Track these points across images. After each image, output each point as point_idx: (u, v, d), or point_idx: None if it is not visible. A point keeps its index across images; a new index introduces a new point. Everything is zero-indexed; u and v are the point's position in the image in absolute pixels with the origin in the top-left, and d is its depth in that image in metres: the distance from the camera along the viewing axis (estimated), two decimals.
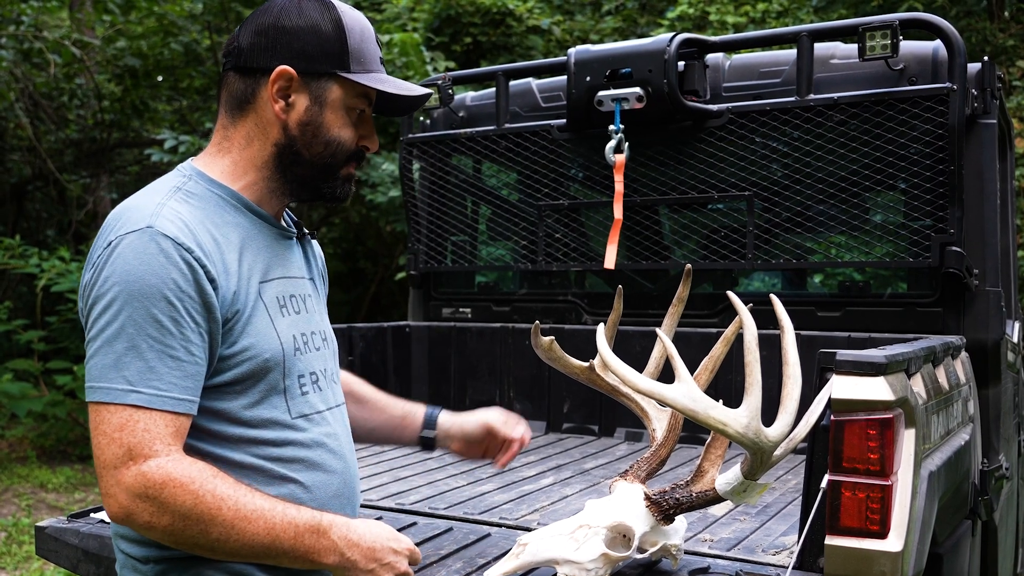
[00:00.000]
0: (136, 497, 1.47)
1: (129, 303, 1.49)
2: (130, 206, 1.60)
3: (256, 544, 1.52)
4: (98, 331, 1.51)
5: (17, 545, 6.07)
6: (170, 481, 1.47)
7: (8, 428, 9.19)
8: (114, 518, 1.51)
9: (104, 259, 1.53)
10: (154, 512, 1.47)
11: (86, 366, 1.53)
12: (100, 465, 1.50)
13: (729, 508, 2.80)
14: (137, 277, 1.50)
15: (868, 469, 1.98)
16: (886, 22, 3.26)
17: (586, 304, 4.04)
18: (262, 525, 1.52)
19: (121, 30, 10.10)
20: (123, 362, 1.49)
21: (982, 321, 3.34)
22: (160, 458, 1.48)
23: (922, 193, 3.34)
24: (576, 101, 3.76)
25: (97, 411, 1.50)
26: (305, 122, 1.67)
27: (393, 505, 2.81)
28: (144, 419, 1.48)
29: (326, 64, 1.66)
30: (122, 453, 1.47)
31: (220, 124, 1.73)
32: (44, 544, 2.56)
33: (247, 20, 1.71)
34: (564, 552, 1.95)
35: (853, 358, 2.02)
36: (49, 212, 12.47)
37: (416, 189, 4.33)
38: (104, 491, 1.50)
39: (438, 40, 10.05)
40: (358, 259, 12.06)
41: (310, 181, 1.73)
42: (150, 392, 1.49)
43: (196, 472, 1.49)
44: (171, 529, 1.49)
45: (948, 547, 2.66)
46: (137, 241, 1.51)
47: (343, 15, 1.69)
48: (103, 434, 1.49)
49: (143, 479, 1.46)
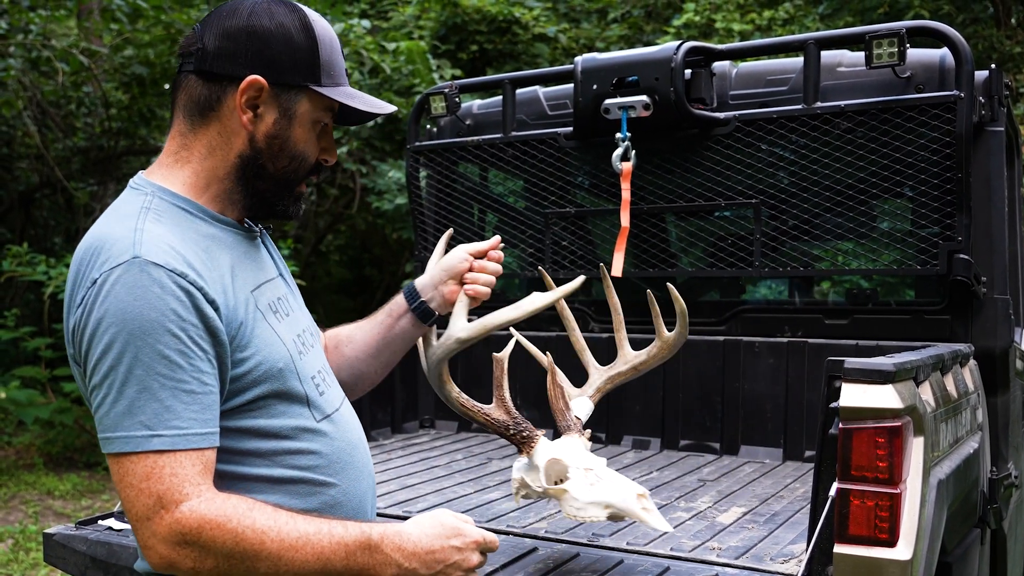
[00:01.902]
0: (175, 545, 1.42)
1: (131, 343, 1.41)
2: (103, 237, 1.49)
3: (307, 572, 1.46)
4: (102, 377, 1.43)
5: (24, 552, 6.07)
6: (206, 523, 1.41)
7: (15, 435, 9.20)
8: (157, 568, 1.46)
9: (92, 299, 1.44)
10: (197, 557, 1.42)
11: (96, 415, 1.46)
12: (133, 518, 1.44)
13: (737, 516, 2.80)
14: (135, 314, 1.41)
15: (877, 477, 1.98)
16: (893, 30, 3.26)
17: (593, 312, 4.04)
18: (310, 552, 1.46)
19: (128, 39, 10.12)
20: (137, 407, 1.42)
21: (990, 329, 3.33)
22: (192, 501, 1.42)
23: (930, 201, 3.34)
24: (583, 109, 3.76)
25: (119, 463, 1.43)
26: (273, 135, 1.60)
27: (400, 513, 2.81)
28: (169, 463, 1.42)
29: (298, 76, 1.59)
30: (152, 503, 1.41)
31: (177, 131, 1.63)
32: (52, 551, 2.56)
33: (210, 20, 1.60)
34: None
35: (862, 366, 2.02)
36: (56, 220, 12.50)
37: (423, 197, 4.34)
38: (141, 543, 1.45)
39: (444, 48, 10.07)
40: (364, 266, 12.08)
41: (268, 196, 1.65)
42: (171, 434, 1.42)
43: (231, 509, 1.44)
44: (217, 571, 1.44)
45: (957, 556, 2.65)
46: (126, 275, 1.43)
47: (314, 24, 1.61)
48: (129, 486, 1.42)
49: (178, 526, 1.41)
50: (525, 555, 2.40)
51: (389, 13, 10.85)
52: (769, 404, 3.68)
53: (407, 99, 8.64)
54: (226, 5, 1.62)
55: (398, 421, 4.05)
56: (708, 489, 3.16)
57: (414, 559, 1.51)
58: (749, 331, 3.77)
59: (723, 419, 3.75)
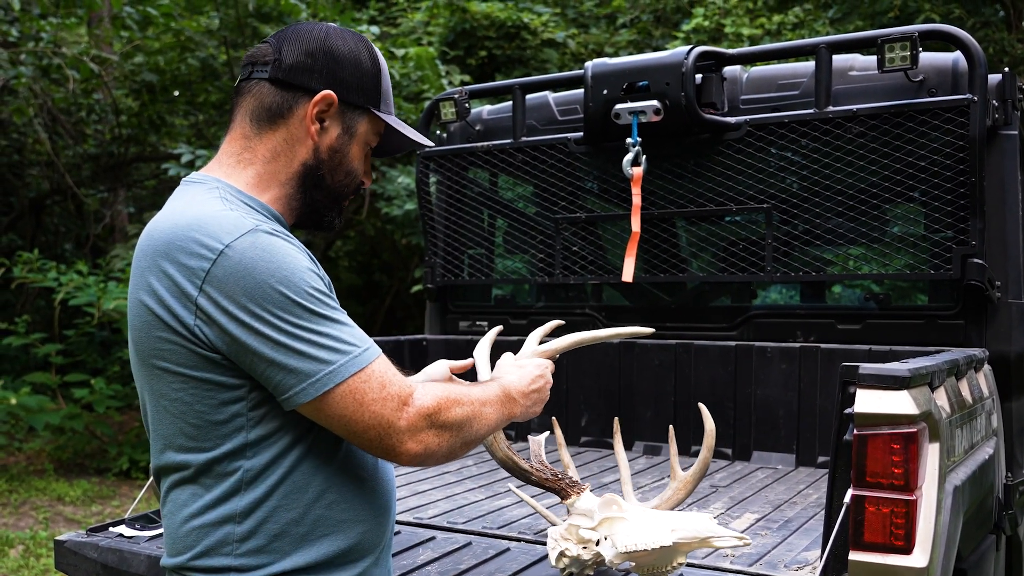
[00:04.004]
0: (426, 431, 1.55)
1: (298, 292, 1.49)
2: (197, 217, 1.52)
3: (492, 423, 1.69)
4: (292, 328, 1.48)
5: (35, 558, 6.08)
6: (439, 402, 1.57)
7: (26, 441, 9.23)
8: (414, 462, 1.56)
9: (228, 269, 1.47)
10: (442, 434, 1.57)
11: (295, 368, 1.47)
12: (382, 429, 1.52)
13: (750, 523, 2.78)
14: (288, 268, 1.49)
15: (892, 484, 1.96)
16: (905, 34, 3.25)
17: (604, 317, 4.03)
18: (491, 405, 1.69)
19: (139, 46, 10.17)
20: (340, 335, 1.51)
21: (1004, 333, 3.31)
22: (417, 390, 1.57)
23: (943, 205, 3.32)
24: (593, 114, 3.75)
25: (351, 388, 1.50)
26: (335, 148, 1.69)
27: (411, 519, 2.80)
28: (386, 368, 1.55)
29: (363, 98, 1.69)
30: (396, 404, 1.53)
31: (240, 133, 1.68)
32: (63, 558, 2.56)
33: (287, 35, 1.69)
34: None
35: (876, 372, 2.00)
36: (67, 226, 12.55)
37: (433, 202, 4.34)
38: (396, 449, 1.54)
39: (453, 54, 10.08)
40: (373, 272, 12.08)
41: (320, 207, 1.73)
42: (372, 345, 1.55)
43: (437, 388, 1.61)
44: (453, 442, 1.60)
45: (972, 562, 2.63)
46: (257, 240, 1.49)
47: (378, 54, 1.74)
48: (372, 401, 1.51)
49: (424, 412, 1.55)
50: (539, 561, 2.39)
51: (398, 19, 10.87)
52: (782, 409, 3.66)
53: (416, 105, 8.65)
54: (302, 25, 1.72)
55: None
56: (721, 495, 3.15)
57: (525, 398, 1.80)
58: (761, 336, 3.75)
59: (735, 425, 3.74)
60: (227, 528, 1.56)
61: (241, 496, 1.55)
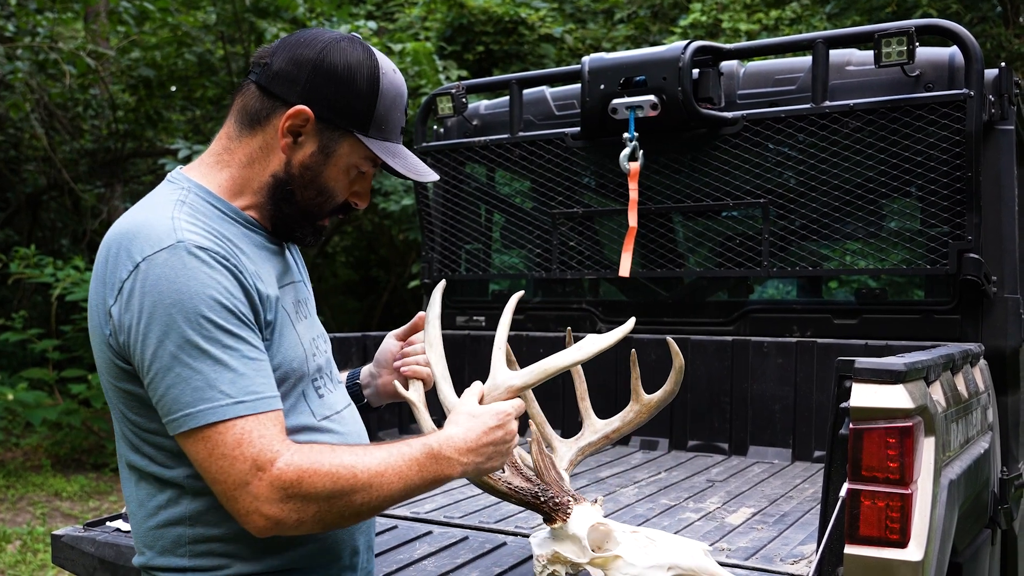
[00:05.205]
0: (279, 502, 1.45)
1: (190, 320, 1.44)
2: (139, 224, 1.52)
3: (394, 493, 1.54)
4: (170, 358, 1.45)
5: (32, 553, 6.08)
6: (304, 473, 1.46)
7: (23, 437, 9.22)
8: (263, 532, 1.47)
9: (136, 284, 1.47)
10: (300, 508, 1.46)
11: (165, 397, 1.46)
12: (230, 488, 1.45)
13: (746, 517, 2.79)
14: (189, 292, 1.45)
15: (888, 478, 1.96)
16: (902, 28, 3.25)
17: (600, 312, 4.03)
18: (392, 474, 1.53)
19: (135, 41, 10.15)
20: (213, 379, 1.45)
21: (1000, 328, 3.31)
22: (284, 456, 1.46)
23: (939, 200, 3.32)
24: (590, 109, 3.75)
25: (206, 436, 1.45)
26: (307, 166, 1.64)
27: (408, 514, 2.80)
28: (255, 426, 1.46)
29: (346, 121, 1.63)
30: (248, 468, 1.44)
31: (226, 133, 1.68)
32: (60, 552, 2.57)
33: (289, 41, 1.66)
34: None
35: (872, 366, 2.00)
36: (64, 222, 12.52)
37: (430, 198, 4.34)
38: (243, 511, 1.46)
39: (450, 49, 10.07)
40: (371, 267, 12.08)
41: (290, 222, 1.69)
42: (252, 398, 1.46)
43: (317, 454, 1.49)
44: (319, 515, 1.48)
45: (967, 556, 2.63)
46: (172, 258, 1.46)
47: (382, 76, 1.65)
48: (222, 457, 1.44)
49: (280, 482, 1.45)
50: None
51: (395, 14, 10.85)
52: (778, 404, 3.66)
53: (413, 100, 8.64)
54: (309, 31, 1.67)
55: (405, 422, 4.03)
56: (717, 490, 3.15)
57: (471, 454, 1.63)
58: (757, 331, 3.76)
59: (732, 419, 3.74)
60: (179, 530, 1.57)
61: (190, 501, 1.56)
